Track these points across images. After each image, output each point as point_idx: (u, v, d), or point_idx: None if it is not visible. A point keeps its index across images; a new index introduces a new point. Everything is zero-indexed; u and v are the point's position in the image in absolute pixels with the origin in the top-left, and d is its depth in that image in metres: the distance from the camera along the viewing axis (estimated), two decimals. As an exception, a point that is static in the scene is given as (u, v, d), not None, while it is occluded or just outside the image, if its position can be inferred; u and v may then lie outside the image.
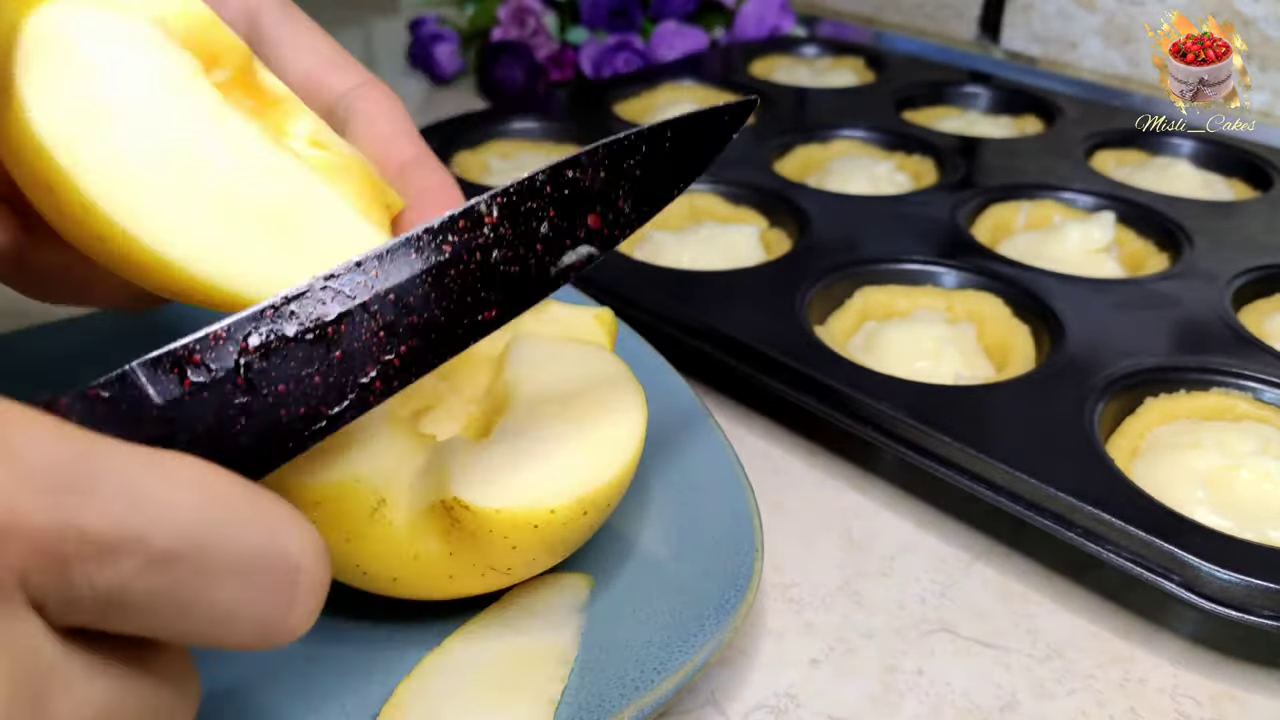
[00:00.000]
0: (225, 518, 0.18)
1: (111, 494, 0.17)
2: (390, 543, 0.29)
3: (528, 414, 0.31)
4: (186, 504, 0.18)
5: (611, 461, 0.30)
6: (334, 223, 0.27)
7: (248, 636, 0.19)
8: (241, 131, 0.26)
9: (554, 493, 0.29)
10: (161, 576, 0.17)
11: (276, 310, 0.23)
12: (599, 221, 0.26)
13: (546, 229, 0.26)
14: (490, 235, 0.25)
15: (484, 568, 0.30)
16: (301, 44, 0.31)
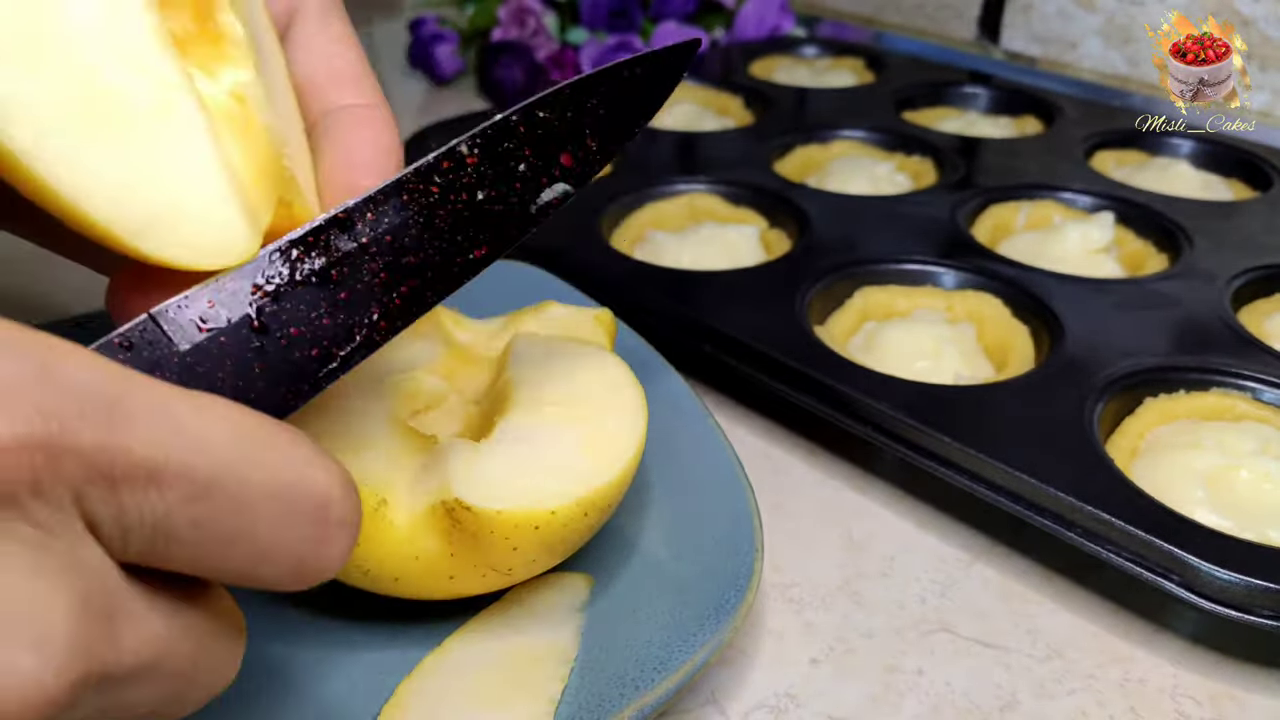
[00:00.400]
0: (258, 450, 0.19)
1: (153, 421, 0.17)
2: (391, 543, 0.29)
3: (528, 414, 0.31)
4: (222, 435, 0.18)
5: (612, 462, 0.30)
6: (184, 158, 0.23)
7: (286, 571, 0.19)
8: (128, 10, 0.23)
9: (554, 494, 0.29)
10: (204, 505, 0.18)
11: (282, 254, 0.24)
12: (571, 159, 0.28)
13: (524, 168, 0.27)
14: (473, 175, 0.26)
15: (484, 568, 0.30)
16: (320, 49, 0.31)
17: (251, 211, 0.24)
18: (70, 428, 0.16)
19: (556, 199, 0.28)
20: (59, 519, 0.16)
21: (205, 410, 0.18)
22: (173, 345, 0.22)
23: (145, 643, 0.18)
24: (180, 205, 0.23)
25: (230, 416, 0.19)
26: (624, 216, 0.58)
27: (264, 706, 0.30)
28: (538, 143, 0.27)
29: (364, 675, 0.31)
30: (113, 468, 0.17)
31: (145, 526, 0.17)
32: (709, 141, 0.67)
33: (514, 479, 0.29)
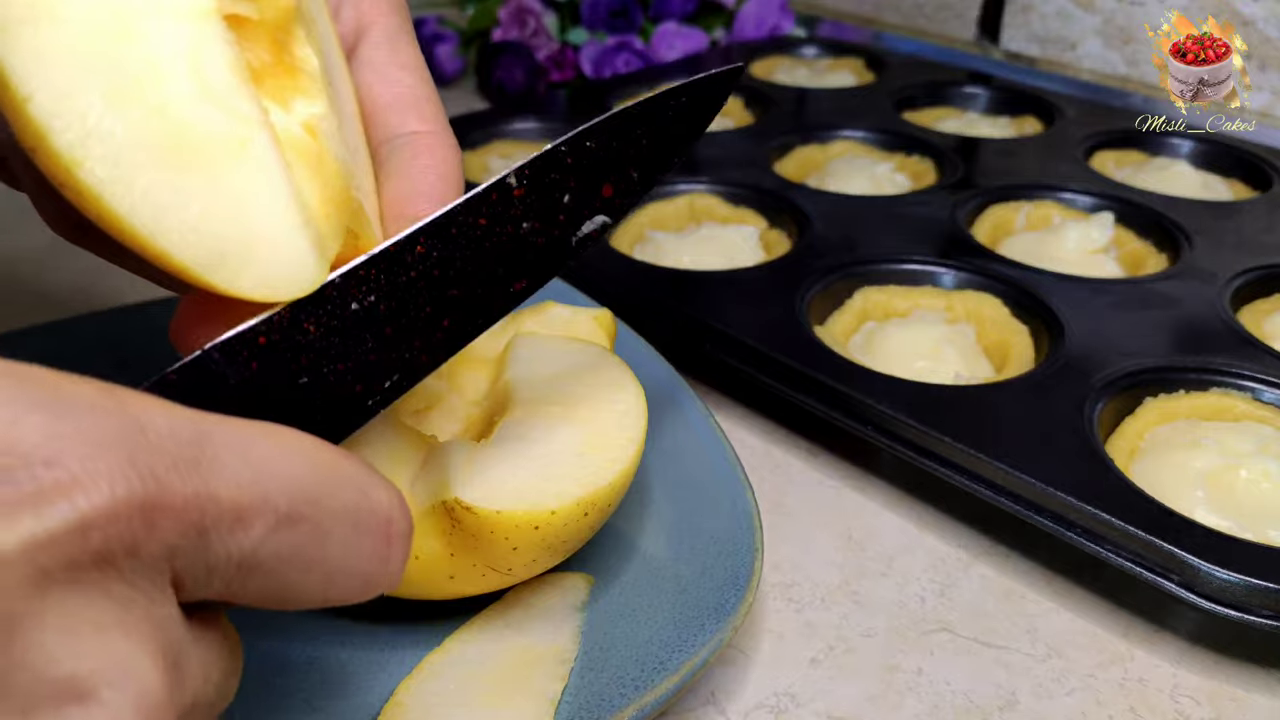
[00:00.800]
0: (329, 474, 0.20)
1: (236, 463, 0.18)
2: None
3: (528, 415, 0.32)
4: (299, 466, 0.19)
5: (612, 462, 0.30)
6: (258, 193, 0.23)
7: (355, 587, 0.20)
8: (209, 44, 0.22)
9: (554, 494, 0.29)
10: (287, 536, 0.18)
11: (336, 289, 0.24)
12: (612, 190, 0.28)
13: (569, 199, 0.27)
14: (520, 207, 0.26)
15: (484, 568, 0.30)
16: (386, 73, 0.30)
17: (321, 243, 0.25)
18: (165, 482, 0.17)
19: (595, 230, 0.28)
20: (147, 575, 0.17)
21: (281, 444, 0.19)
22: (226, 380, 0.22)
23: (198, 679, 0.19)
24: (253, 240, 0.23)
25: (303, 447, 0.19)
26: (624, 217, 0.58)
27: (264, 707, 0.30)
28: (582, 173, 0.27)
29: (364, 675, 0.31)
30: (203, 517, 0.17)
31: (231, 565, 0.18)
32: (709, 141, 0.67)
33: (514, 479, 0.29)
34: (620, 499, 0.31)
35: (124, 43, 0.21)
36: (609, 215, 0.28)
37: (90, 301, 0.53)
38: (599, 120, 0.27)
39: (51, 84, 0.20)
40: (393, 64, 0.30)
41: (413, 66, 0.31)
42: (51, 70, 0.20)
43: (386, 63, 0.30)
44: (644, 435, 0.32)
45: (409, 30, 0.31)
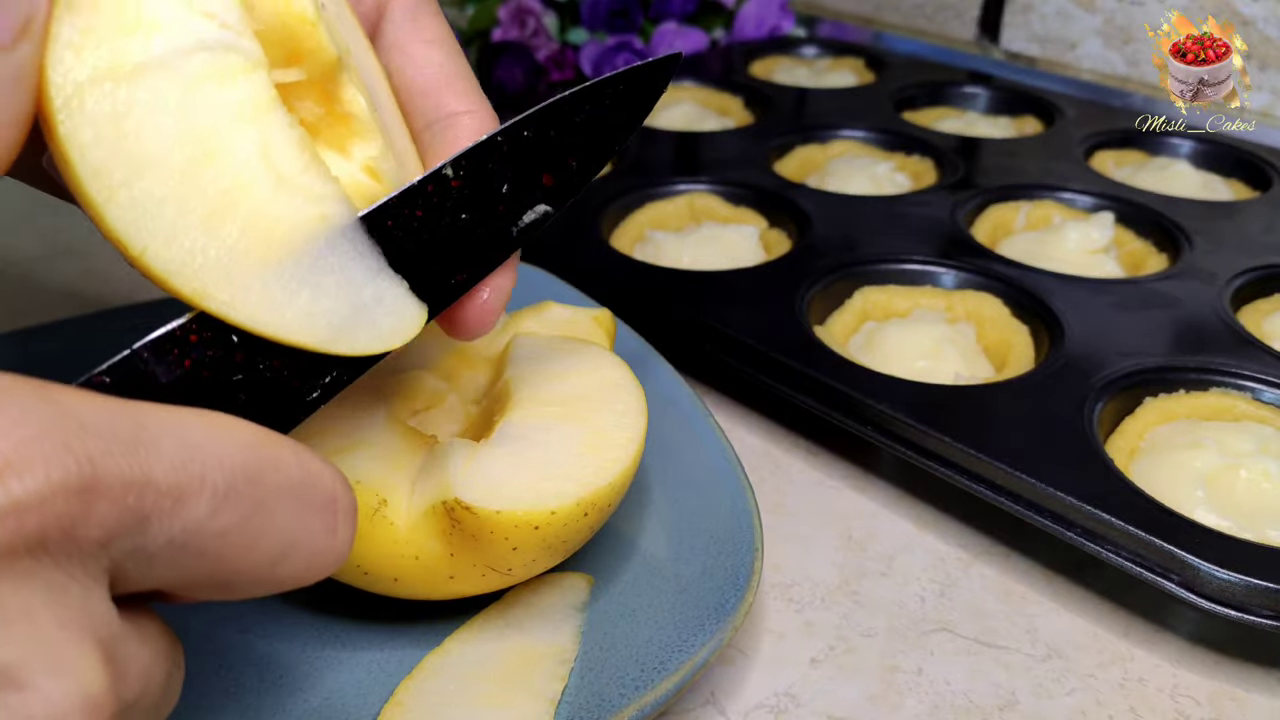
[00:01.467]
0: (268, 451, 0.19)
1: (172, 444, 0.18)
2: (391, 543, 0.29)
3: (528, 414, 0.32)
4: (237, 446, 0.19)
5: (612, 462, 0.30)
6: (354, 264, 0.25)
7: (302, 565, 0.20)
8: (275, 133, 0.23)
9: (554, 494, 0.29)
10: (229, 514, 0.18)
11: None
12: (552, 179, 0.27)
13: (507, 189, 0.27)
14: (457, 198, 0.26)
15: (484, 568, 0.30)
16: (416, 53, 0.30)
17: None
18: (101, 467, 0.16)
19: (537, 220, 0.28)
20: (83, 565, 0.17)
21: (217, 426, 0.19)
22: (155, 379, 0.22)
23: (138, 677, 0.18)
24: (360, 307, 0.24)
25: (239, 428, 0.19)
26: (624, 216, 0.58)
27: (264, 706, 0.30)
28: (521, 162, 0.27)
29: (364, 675, 0.31)
30: (142, 500, 0.17)
31: (174, 548, 0.18)
32: (709, 141, 0.67)
33: (514, 479, 0.29)
34: (620, 499, 0.31)
35: (203, 166, 0.22)
36: (550, 204, 0.28)
37: (89, 302, 0.53)
38: (536, 109, 0.27)
39: (156, 234, 0.21)
40: (418, 41, 0.30)
41: (440, 40, 0.30)
42: (153, 222, 0.21)
43: (411, 40, 0.30)
44: (644, 435, 0.32)
45: (432, 3, 0.31)
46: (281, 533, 0.19)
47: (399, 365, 0.35)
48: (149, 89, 0.21)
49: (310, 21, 0.25)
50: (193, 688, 0.30)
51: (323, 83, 0.26)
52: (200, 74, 0.22)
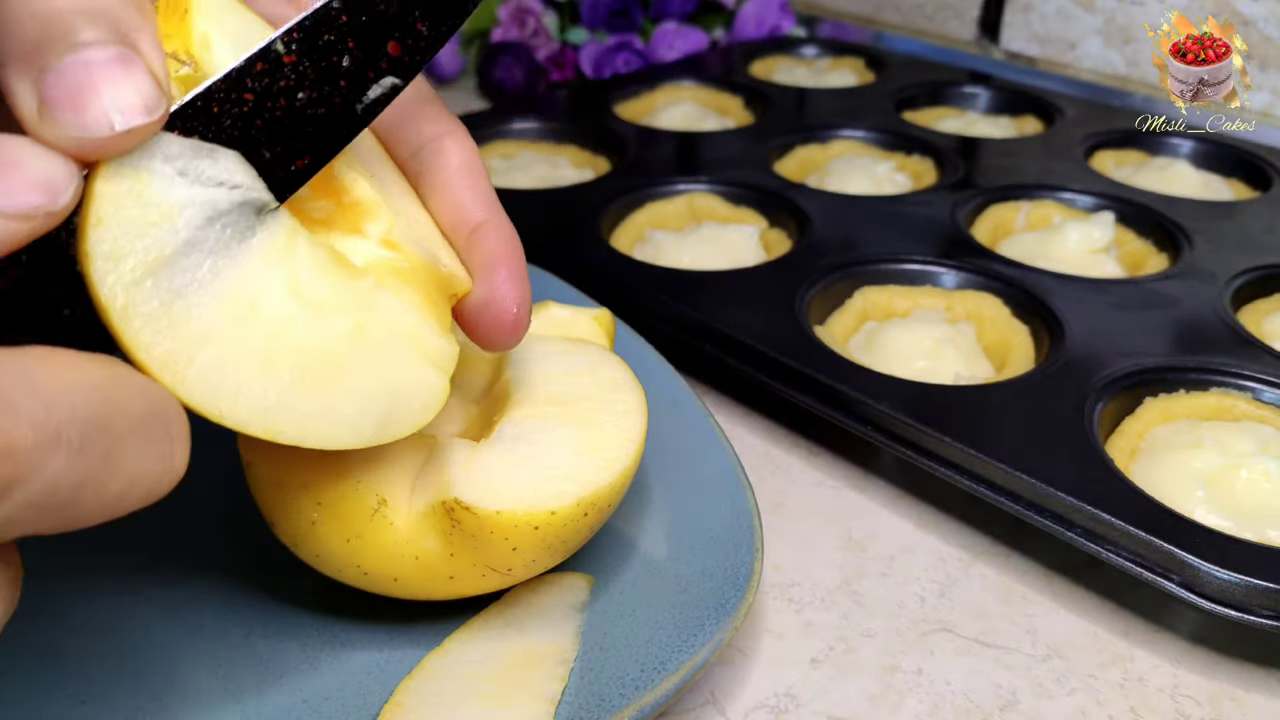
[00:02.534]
0: (117, 393, 0.19)
1: (27, 403, 0.17)
2: (391, 544, 0.29)
3: (528, 415, 0.32)
4: (84, 386, 0.19)
5: (612, 463, 0.30)
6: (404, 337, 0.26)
7: (144, 493, 0.20)
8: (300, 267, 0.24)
9: (554, 494, 0.29)
10: (83, 464, 0.18)
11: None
12: (399, 48, 0.25)
13: (348, 62, 0.25)
14: (292, 76, 0.24)
15: (484, 568, 0.30)
16: None
17: (445, 329, 0.28)
18: None
19: (384, 94, 0.25)
20: None
21: (64, 368, 0.19)
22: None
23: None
24: (398, 403, 0.26)
25: (86, 367, 0.19)
26: (624, 216, 0.58)
27: (265, 706, 0.30)
28: (362, 32, 0.25)
29: (364, 675, 0.31)
30: (4, 470, 0.17)
31: (32, 509, 0.18)
32: (709, 141, 0.67)
33: (514, 479, 0.29)
34: (620, 499, 0.31)
35: (248, 322, 0.23)
36: (398, 76, 0.25)
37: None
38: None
39: (224, 396, 0.23)
40: None
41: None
42: (219, 386, 0.23)
43: None
44: (644, 435, 0.32)
45: None
46: (128, 471, 0.20)
47: None
48: (183, 270, 0.22)
49: None
50: (193, 687, 0.30)
51: (325, 178, 0.27)
52: (223, 240, 0.23)
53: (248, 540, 0.34)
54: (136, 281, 0.22)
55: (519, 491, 0.29)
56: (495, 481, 0.29)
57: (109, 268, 0.21)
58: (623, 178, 0.61)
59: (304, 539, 0.30)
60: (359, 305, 0.26)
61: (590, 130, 0.69)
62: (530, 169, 0.64)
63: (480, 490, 0.28)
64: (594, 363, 0.34)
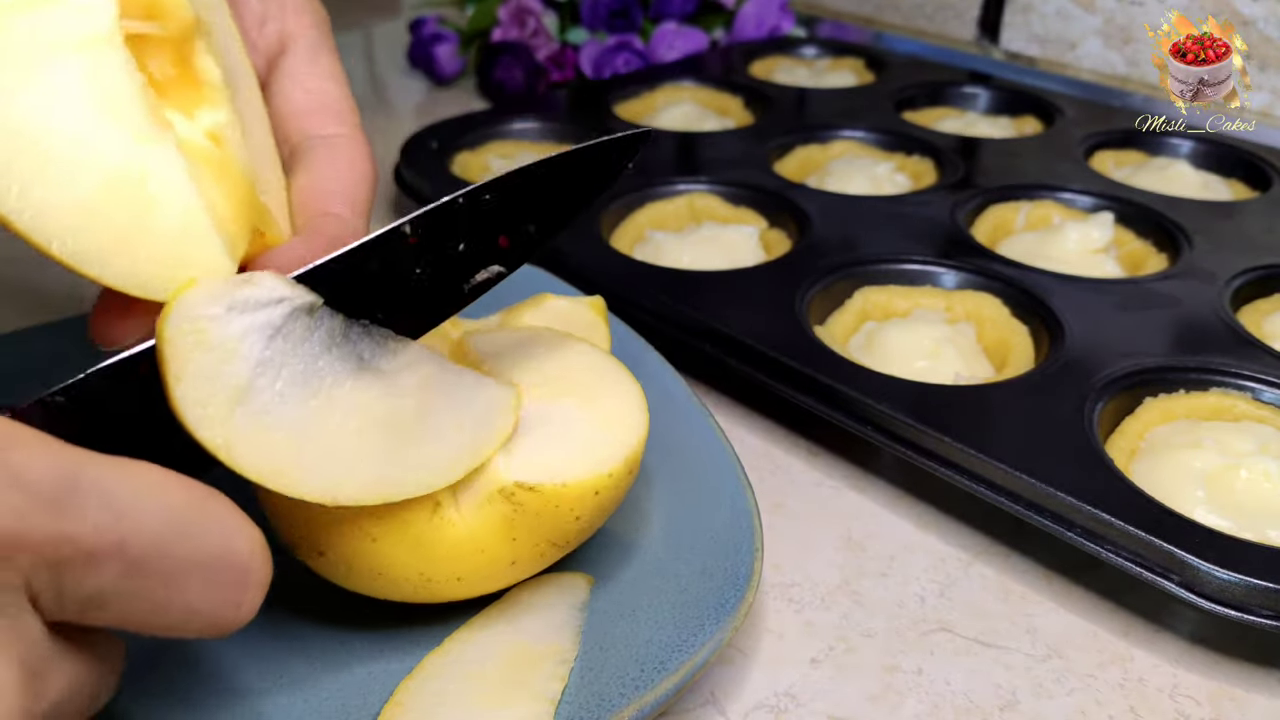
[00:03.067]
0: (189, 524, 0.20)
1: (97, 508, 0.19)
2: (454, 543, 0.30)
3: (538, 403, 0.32)
4: (157, 508, 0.20)
5: (632, 428, 0.32)
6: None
7: (203, 628, 0.21)
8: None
9: (604, 459, 0.30)
10: (137, 581, 0.20)
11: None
12: (509, 242, 0.29)
13: (463, 248, 0.28)
14: (412, 255, 0.27)
15: (545, 546, 0.31)
16: (306, 82, 0.32)
17: (231, 243, 0.26)
18: (29, 523, 0.18)
19: (490, 278, 0.29)
20: (6, 594, 0.18)
21: (142, 488, 0.20)
22: (106, 405, 0.23)
23: (64, 687, 0.20)
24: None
25: (165, 489, 0.20)
26: (624, 216, 0.58)
27: (265, 707, 0.30)
28: (478, 226, 0.28)
29: (364, 675, 0.31)
30: (58, 555, 0.18)
31: (80, 598, 0.19)
32: (709, 141, 0.67)
33: (560, 454, 0.30)
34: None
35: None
36: (504, 265, 0.29)
37: (88, 302, 0.53)
38: (501, 175, 0.28)
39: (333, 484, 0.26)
40: (313, 74, 0.32)
41: (333, 76, 0.32)
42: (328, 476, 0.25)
43: (307, 73, 0.32)
44: (643, 399, 0.33)
45: (330, 44, 0.33)
46: (188, 602, 0.21)
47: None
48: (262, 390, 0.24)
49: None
50: (194, 688, 0.30)
51: (178, 45, 0.27)
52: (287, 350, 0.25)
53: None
54: (226, 417, 0.23)
55: (571, 464, 0.30)
56: (545, 459, 0.30)
57: (200, 413, 0.23)
58: (623, 178, 0.61)
59: (361, 558, 0.30)
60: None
61: (590, 130, 0.69)
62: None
63: (537, 469, 0.29)
64: (567, 347, 0.34)
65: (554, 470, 0.30)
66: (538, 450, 0.30)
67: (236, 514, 0.22)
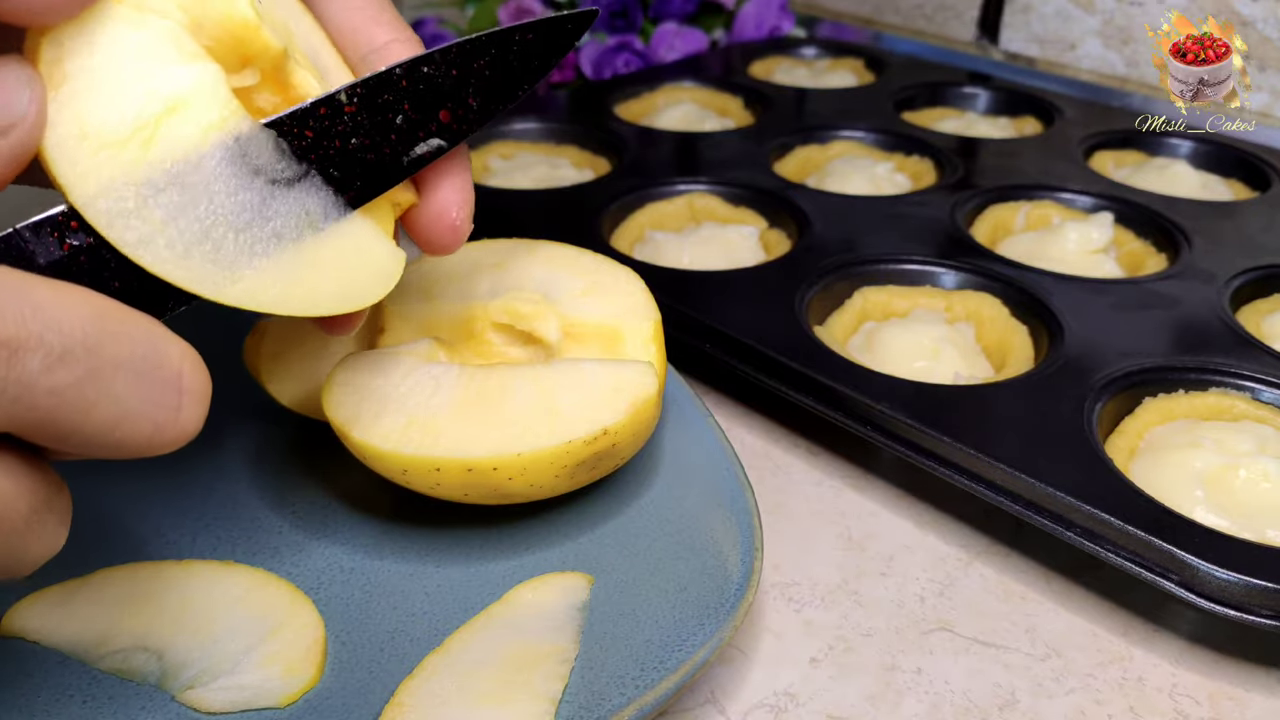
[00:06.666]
0: (113, 325, 0.20)
1: (13, 304, 0.19)
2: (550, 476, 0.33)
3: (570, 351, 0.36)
4: (78, 311, 0.20)
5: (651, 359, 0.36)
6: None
7: (144, 434, 0.21)
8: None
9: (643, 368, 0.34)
10: (63, 374, 0.20)
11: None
12: (450, 116, 0.29)
13: (401, 120, 0.28)
14: (349, 123, 0.27)
15: (598, 472, 0.35)
16: (352, 2, 0.32)
17: (388, 229, 0.29)
18: None
19: (430, 152, 0.29)
20: None
21: (65, 293, 0.20)
22: (33, 260, 0.23)
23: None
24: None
25: (90, 299, 0.20)
26: (624, 216, 0.58)
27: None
28: (418, 97, 0.28)
29: (364, 675, 0.31)
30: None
31: (6, 398, 0.19)
32: (709, 142, 0.68)
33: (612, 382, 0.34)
34: None
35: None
36: (444, 139, 0.29)
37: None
38: (443, 47, 0.28)
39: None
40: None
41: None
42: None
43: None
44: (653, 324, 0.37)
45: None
46: (118, 403, 0.20)
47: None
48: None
49: (253, 25, 0.27)
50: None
51: (274, 74, 0.28)
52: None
53: (259, 540, 0.35)
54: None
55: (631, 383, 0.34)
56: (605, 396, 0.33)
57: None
58: (623, 178, 0.61)
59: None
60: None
61: (590, 131, 0.69)
62: (530, 169, 0.64)
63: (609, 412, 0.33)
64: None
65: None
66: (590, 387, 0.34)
67: (163, 327, 0.22)
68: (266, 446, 0.40)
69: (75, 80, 0.23)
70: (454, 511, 0.36)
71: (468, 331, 0.37)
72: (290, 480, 0.38)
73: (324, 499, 0.38)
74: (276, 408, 0.38)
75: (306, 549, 0.35)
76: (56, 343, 0.19)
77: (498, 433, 0.32)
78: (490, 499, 0.34)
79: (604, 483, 0.37)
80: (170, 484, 0.38)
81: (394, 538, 0.36)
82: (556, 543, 0.36)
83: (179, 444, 0.22)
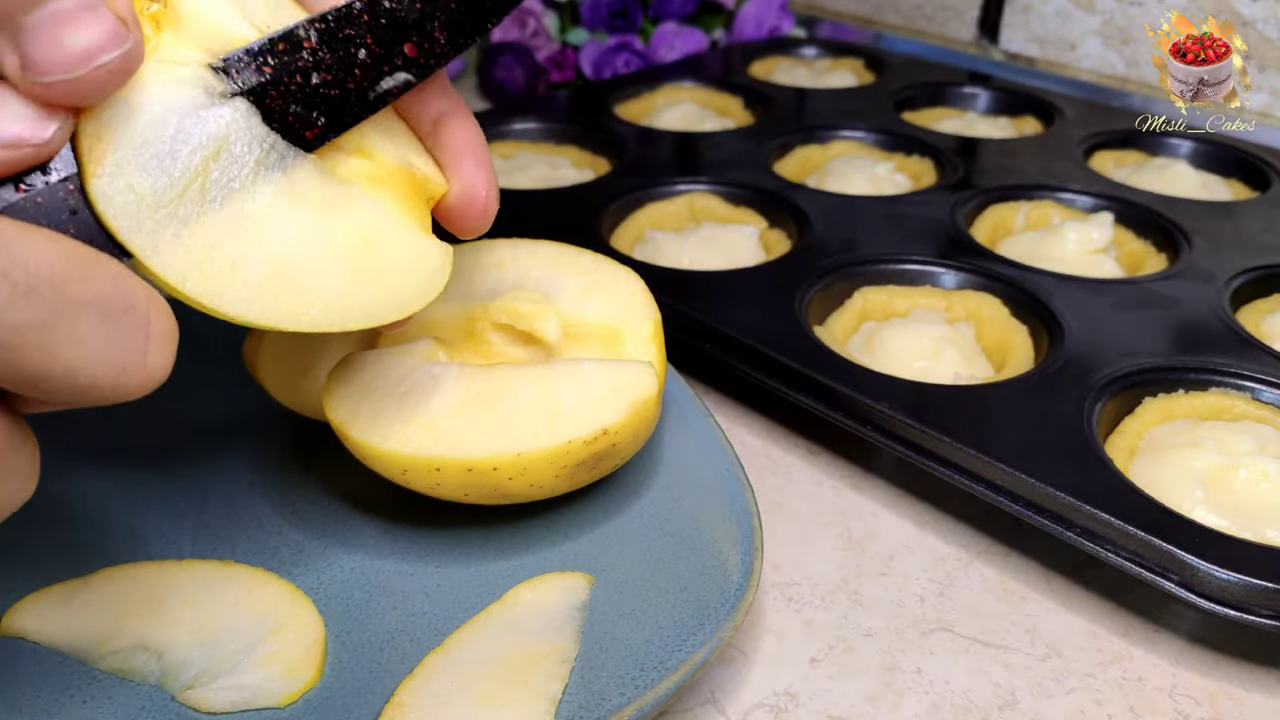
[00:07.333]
0: (80, 265, 0.20)
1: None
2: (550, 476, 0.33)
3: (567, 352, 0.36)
4: (46, 250, 0.20)
5: (648, 356, 0.36)
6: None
7: (109, 378, 0.21)
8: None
9: (644, 370, 0.34)
10: (26, 310, 0.19)
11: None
12: (415, 50, 0.28)
13: (364, 55, 0.28)
14: (309, 59, 0.27)
15: (598, 472, 0.35)
16: None
17: (429, 230, 0.30)
18: None
19: (396, 86, 0.29)
20: None
21: (32, 232, 0.20)
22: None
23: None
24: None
25: (59, 240, 0.20)
26: (624, 216, 0.58)
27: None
28: (381, 31, 0.28)
29: (365, 675, 0.31)
30: None
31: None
32: (709, 142, 0.68)
33: (614, 382, 0.34)
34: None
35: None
36: (412, 73, 0.29)
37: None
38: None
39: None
40: None
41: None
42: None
43: None
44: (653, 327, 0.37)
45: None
46: (83, 344, 0.20)
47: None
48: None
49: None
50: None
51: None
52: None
53: (259, 540, 0.34)
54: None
55: (634, 385, 0.34)
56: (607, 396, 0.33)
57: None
58: (623, 178, 0.61)
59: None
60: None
61: (590, 131, 0.69)
62: (530, 169, 0.64)
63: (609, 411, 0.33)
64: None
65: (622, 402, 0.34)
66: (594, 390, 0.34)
67: (129, 271, 0.21)
68: (266, 446, 0.40)
69: (120, 150, 0.23)
70: (454, 511, 0.36)
71: (468, 331, 0.37)
72: (290, 480, 0.38)
73: (324, 499, 0.38)
74: (276, 408, 0.38)
75: (306, 549, 0.35)
76: (22, 279, 0.19)
77: (498, 433, 0.32)
78: (490, 499, 0.34)
79: (604, 483, 0.38)
80: (170, 484, 0.38)
81: (394, 538, 0.36)
82: (556, 543, 0.36)
83: (145, 390, 0.22)
